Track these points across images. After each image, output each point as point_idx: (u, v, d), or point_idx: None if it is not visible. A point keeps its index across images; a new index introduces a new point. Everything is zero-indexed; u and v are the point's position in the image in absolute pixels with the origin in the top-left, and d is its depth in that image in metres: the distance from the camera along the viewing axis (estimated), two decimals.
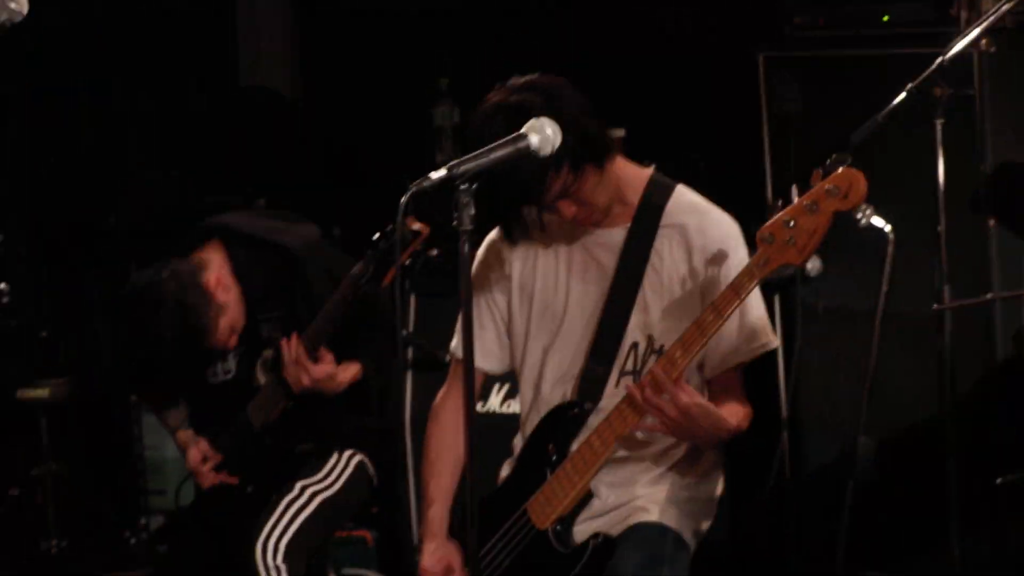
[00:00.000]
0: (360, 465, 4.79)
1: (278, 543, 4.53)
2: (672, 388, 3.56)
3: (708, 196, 4.00)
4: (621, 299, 3.86)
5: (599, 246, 3.90)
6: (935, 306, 4.68)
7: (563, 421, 3.88)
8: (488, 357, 4.06)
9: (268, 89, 7.32)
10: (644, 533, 3.82)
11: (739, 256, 3.82)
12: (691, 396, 3.59)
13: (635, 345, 3.84)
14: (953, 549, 4.80)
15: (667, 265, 3.86)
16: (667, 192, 3.91)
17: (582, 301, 3.92)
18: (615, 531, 3.83)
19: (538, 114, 3.31)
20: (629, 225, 3.87)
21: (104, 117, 6.99)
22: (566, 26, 6.54)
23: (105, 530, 6.46)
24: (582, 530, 3.83)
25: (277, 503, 4.62)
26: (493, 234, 3.99)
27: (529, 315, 4.00)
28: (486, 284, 4.03)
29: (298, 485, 4.67)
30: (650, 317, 3.84)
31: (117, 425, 6.58)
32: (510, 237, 3.85)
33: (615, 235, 3.88)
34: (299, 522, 4.60)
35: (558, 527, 3.82)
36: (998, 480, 4.69)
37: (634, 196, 3.88)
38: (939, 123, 4.66)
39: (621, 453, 3.84)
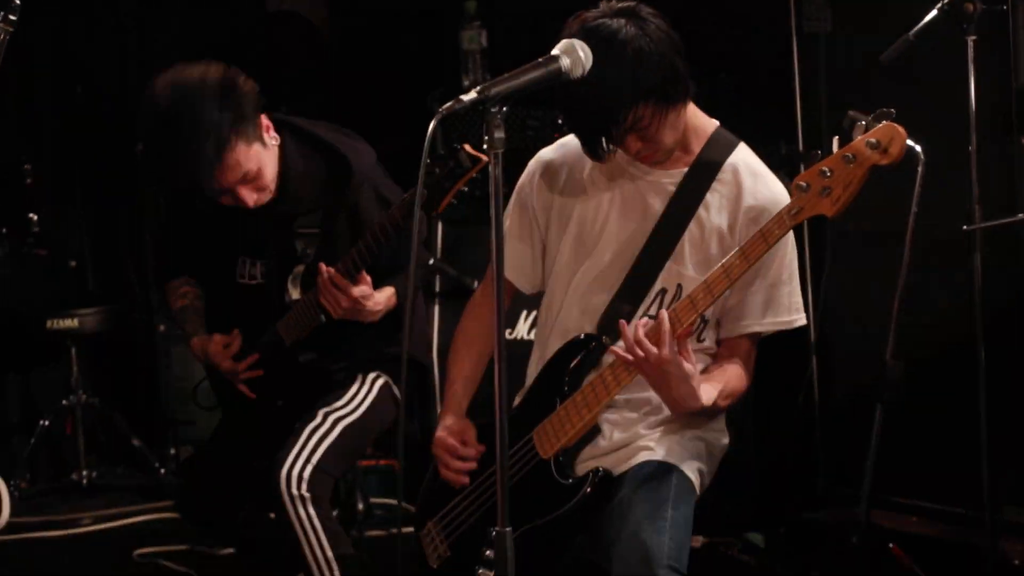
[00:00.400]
0: (384, 387, 4.74)
1: (302, 472, 4.47)
2: (662, 337, 3.52)
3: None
4: (661, 243, 3.81)
5: (650, 186, 3.85)
6: (965, 227, 4.69)
7: (580, 353, 3.84)
8: (520, 274, 4.04)
9: (296, 13, 7.28)
10: (649, 470, 3.79)
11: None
12: (673, 355, 3.54)
13: (663, 291, 3.81)
14: (983, 475, 4.80)
15: (713, 218, 3.82)
16: (729, 148, 3.87)
17: (619, 236, 3.87)
18: (618, 470, 3.81)
19: (632, 43, 3.42)
20: (686, 171, 3.83)
21: (134, 43, 6.99)
22: None
23: (135, 461, 6.45)
24: (585, 466, 3.81)
25: (300, 431, 4.56)
26: (546, 151, 3.96)
27: (562, 239, 3.95)
28: (530, 201, 3.99)
29: (321, 412, 4.62)
30: (684, 267, 3.79)
31: (147, 356, 6.61)
32: (595, 155, 3.74)
33: (669, 179, 3.84)
34: (322, 449, 4.54)
35: (560, 458, 3.81)
36: None
37: (696, 145, 3.85)
38: (971, 40, 4.62)
39: (630, 394, 3.81)
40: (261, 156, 4.47)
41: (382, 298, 4.58)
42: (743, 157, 3.87)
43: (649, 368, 3.56)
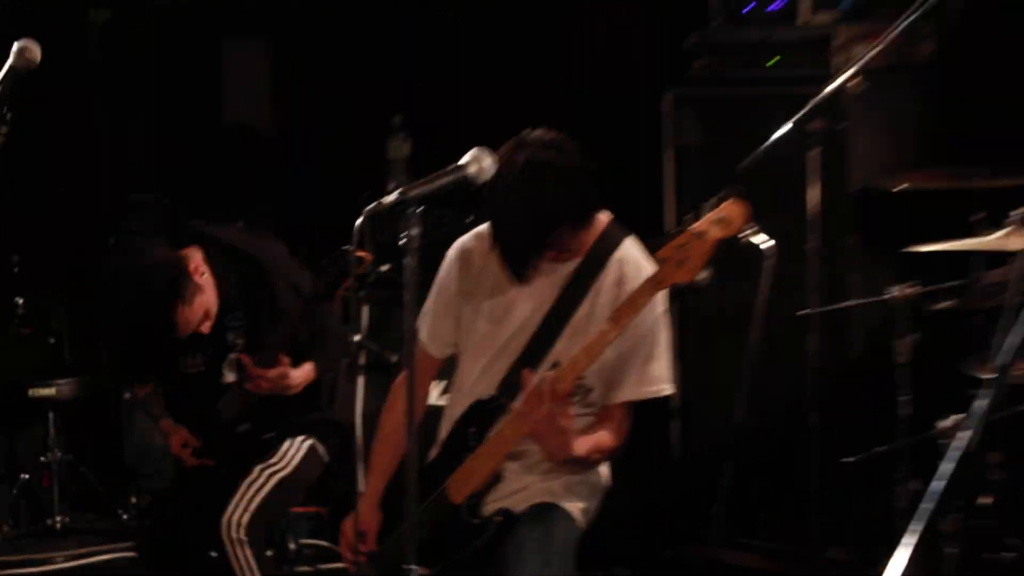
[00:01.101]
0: (311, 447, 4.63)
1: (240, 519, 4.40)
2: (542, 397, 3.49)
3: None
4: (555, 323, 3.72)
5: (549, 275, 3.73)
6: (803, 311, 4.56)
7: (484, 412, 3.77)
8: (442, 345, 3.94)
9: (247, 126, 7.24)
10: (541, 512, 3.75)
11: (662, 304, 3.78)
12: (550, 412, 3.50)
13: (556, 364, 3.65)
14: (811, 521, 4.73)
15: (602, 300, 3.71)
16: (617, 242, 3.76)
17: (521, 316, 3.78)
18: (518, 509, 3.76)
19: (562, 173, 3.44)
20: (579, 262, 3.73)
21: (106, 151, 6.92)
22: (495, 69, 6.39)
23: (102, 508, 6.32)
24: (491, 508, 3.76)
25: (240, 484, 4.48)
26: (464, 239, 3.85)
27: (476, 318, 3.85)
28: (452, 283, 3.88)
29: (257, 468, 4.52)
30: (574, 343, 3.67)
31: (113, 419, 6.47)
32: (520, 275, 3.69)
33: (565, 268, 3.73)
34: (258, 500, 4.46)
35: (469, 502, 3.74)
36: (843, 460, 4.47)
37: (590, 239, 3.74)
38: (813, 153, 4.53)
39: (525, 446, 3.72)
40: (203, 300, 4.50)
41: (300, 374, 4.54)
42: (628, 250, 3.77)
43: (532, 418, 3.52)
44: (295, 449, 4.58)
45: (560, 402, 3.51)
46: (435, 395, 5.14)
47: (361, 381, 4.54)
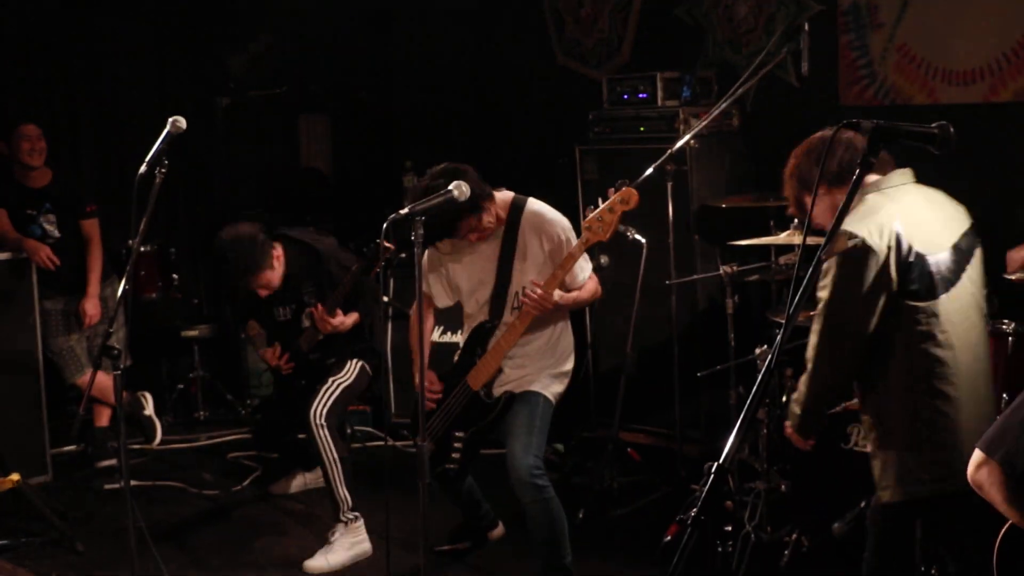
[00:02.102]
0: (361, 366, 4.59)
1: (321, 411, 4.36)
2: (548, 293, 3.60)
3: None
4: (504, 274, 3.76)
5: (489, 239, 3.78)
6: (667, 281, 4.69)
7: (483, 331, 3.80)
8: (437, 298, 3.95)
9: (314, 168, 7.14)
10: (529, 396, 3.77)
11: (570, 236, 3.74)
12: (557, 296, 3.65)
13: (516, 293, 3.73)
14: (675, 410, 4.79)
15: (529, 241, 3.74)
16: (523, 203, 3.78)
17: (482, 275, 3.81)
18: (516, 392, 3.78)
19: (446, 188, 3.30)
20: (505, 224, 3.75)
21: (226, 182, 6.81)
22: (477, 134, 6.36)
23: (228, 407, 6.22)
24: (498, 391, 3.78)
25: (319, 390, 4.44)
26: (431, 249, 3.83)
27: (458, 279, 3.88)
28: (434, 268, 3.89)
29: (330, 379, 4.48)
30: (524, 277, 3.72)
31: (234, 350, 6.37)
32: (436, 247, 3.79)
33: (498, 231, 3.77)
34: (332, 400, 4.41)
35: (483, 389, 3.77)
36: (697, 374, 4.57)
37: (504, 212, 3.77)
38: (669, 184, 4.66)
39: (515, 349, 3.75)
40: (270, 274, 4.51)
41: (349, 320, 4.55)
42: (532, 205, 3.79)
43: (548, 306, 3.61)
44: (352, 367, 4.53)
45: (547, 304, 3.59)
46: (436, 335, 5.21)
47: (389, 325, 4.67)
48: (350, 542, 4.28)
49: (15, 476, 4.52)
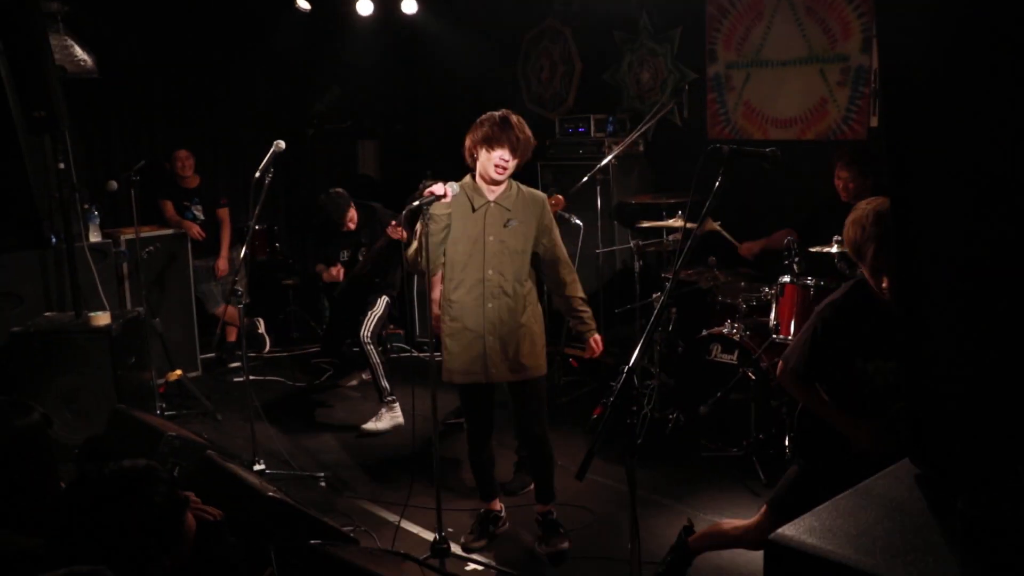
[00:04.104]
0: (387, 302, 4.44)
1: (367, 333, 4.27)
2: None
3: None
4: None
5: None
6: (597, 250, 4.58)
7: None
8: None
9: (369, 175, 6.94)
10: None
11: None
12: None
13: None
14: (602, 333, 4.36)
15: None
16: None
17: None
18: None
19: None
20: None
21: (321, 180, 6.46)
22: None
23: (309, 327, 5.98)
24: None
25: (362, 321, 4.27)
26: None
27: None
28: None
29: (369, 312, 4.32)
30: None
31: (313, 292, 6.07)
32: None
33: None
34: (372, 324, 4.29)
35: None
36: (616, 310, 4.41)
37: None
38: (598, 187, 4.53)
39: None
40: (352, 213, 4.46)
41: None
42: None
43: None
44: (380, 302, 4.38)
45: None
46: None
47: (416, 278, 4.66)
48: (390, 416, 4.28)
49: (178, 371, 4.66)
